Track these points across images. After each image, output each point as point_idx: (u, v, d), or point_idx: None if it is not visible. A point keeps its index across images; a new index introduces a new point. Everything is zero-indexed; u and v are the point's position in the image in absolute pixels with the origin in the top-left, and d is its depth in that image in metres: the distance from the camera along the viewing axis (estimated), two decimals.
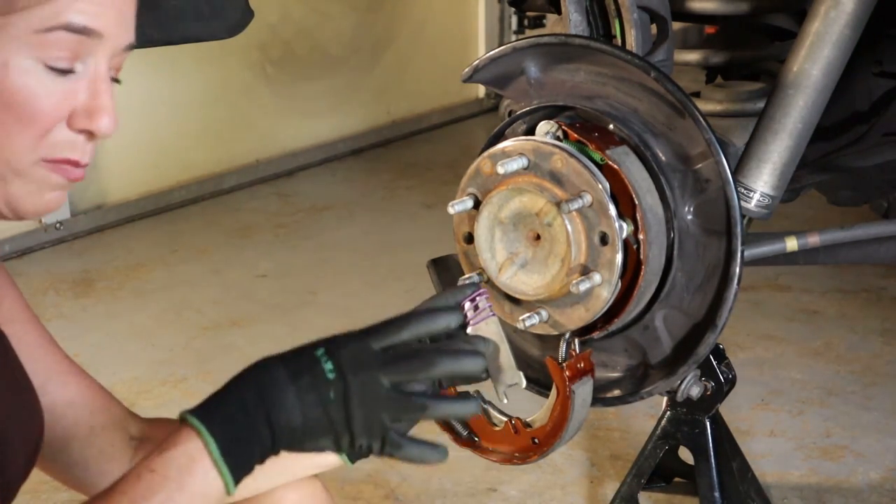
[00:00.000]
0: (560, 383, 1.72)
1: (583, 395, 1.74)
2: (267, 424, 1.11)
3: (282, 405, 1.11)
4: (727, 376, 2.16)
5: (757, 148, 1.92)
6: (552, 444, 1.74)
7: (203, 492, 1.10)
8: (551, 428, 1.74)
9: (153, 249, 4.33)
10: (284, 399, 1.11)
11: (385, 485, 2.72)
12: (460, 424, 1.75)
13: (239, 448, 1.11)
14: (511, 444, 1.76)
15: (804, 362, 3.31)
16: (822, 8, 1.88)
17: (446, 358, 1.16)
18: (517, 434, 1.75)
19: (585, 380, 1.74)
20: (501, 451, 1.77)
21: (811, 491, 2.68)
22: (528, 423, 1.75)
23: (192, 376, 3.29)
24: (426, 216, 4.67)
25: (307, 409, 1.11)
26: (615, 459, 2.82)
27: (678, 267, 1.81)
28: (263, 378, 1.13)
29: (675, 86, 1.73)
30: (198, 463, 1.10)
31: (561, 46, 1.82)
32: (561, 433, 1.73)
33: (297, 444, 1.12)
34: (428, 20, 5.89)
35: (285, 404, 1.11)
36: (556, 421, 1.73)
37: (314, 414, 1.11)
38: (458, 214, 1.83)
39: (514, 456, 1.77)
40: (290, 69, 5.20)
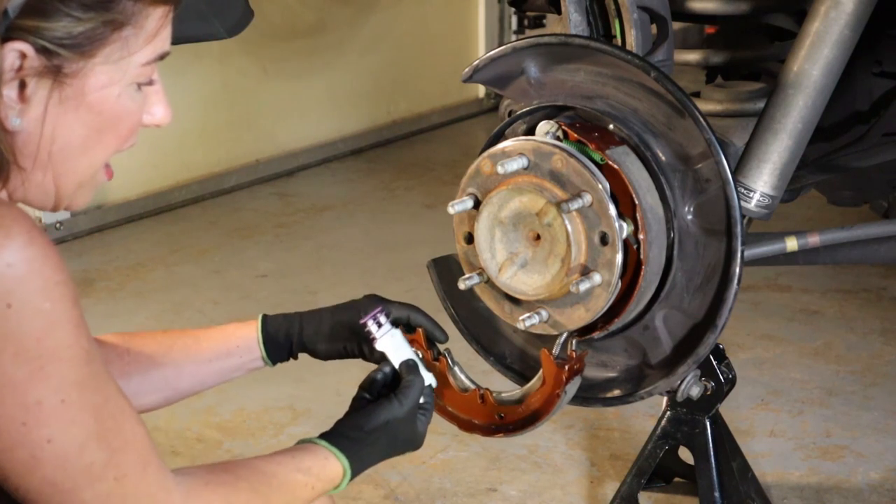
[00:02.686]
0: (551, 380, 1.72)
1: (570, 394, 1.75)
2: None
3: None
4: (727, 376, 2.16)
5: (757, 148, 1.92)
6: (525, 429, 1.75)
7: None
8: (526, 414, 1.74)
9: (153, 249, 4.33)
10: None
11: (385, 485, 2.72)
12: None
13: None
14: (473, 412, 1.76)
15: (804, 362, 3.31)
16: (822, 8, 1.88)
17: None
18: (483, 404, 1.74)
19: (576, 380, 1.75)
20: (461, 416, 1.76)
21: (811, 491, 2.68)
22: (500, 399, 1.75)
23: None
24: (426, 216, 4.67)
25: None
26: (615, 459, 2.82)
27: (678, 267, 1.81)
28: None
29: (675, 86, 1.73)
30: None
31: (561, 46, 1.82)
32: (537, 423, 1.74)
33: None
34: (428, 20, 5.89)
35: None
36: (533, 409, 1.73)
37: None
38: (458, 214, 1.83)
39: (474, 425, 1.77)
40: (290, 69, 5.20)
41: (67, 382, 1.22)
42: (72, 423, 1.22)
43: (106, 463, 1.24)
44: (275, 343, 1.73)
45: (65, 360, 1.21)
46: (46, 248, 1.20)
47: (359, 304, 1.73)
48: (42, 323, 1.19)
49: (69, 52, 1.24)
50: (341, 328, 1.72)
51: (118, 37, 1.27)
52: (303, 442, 1.54)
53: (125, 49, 1.28)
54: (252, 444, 2.91)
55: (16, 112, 1.24)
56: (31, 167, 1.28)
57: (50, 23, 1.23)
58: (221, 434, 2.99)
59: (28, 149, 1.27)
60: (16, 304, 1.18)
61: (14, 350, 1.18)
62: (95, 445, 1.24)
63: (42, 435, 1.21)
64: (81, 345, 1.23)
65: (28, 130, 1.26)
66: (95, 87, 1.27)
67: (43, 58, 1.24)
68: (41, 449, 1.21)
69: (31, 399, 1.20)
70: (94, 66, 1.27)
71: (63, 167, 1.30)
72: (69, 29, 1.23)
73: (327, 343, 1.72)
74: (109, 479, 1.25)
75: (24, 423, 1.20)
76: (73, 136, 1.29)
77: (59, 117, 1.27)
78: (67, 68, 1.25)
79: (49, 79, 1.25)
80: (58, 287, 1.20)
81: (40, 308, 1.19)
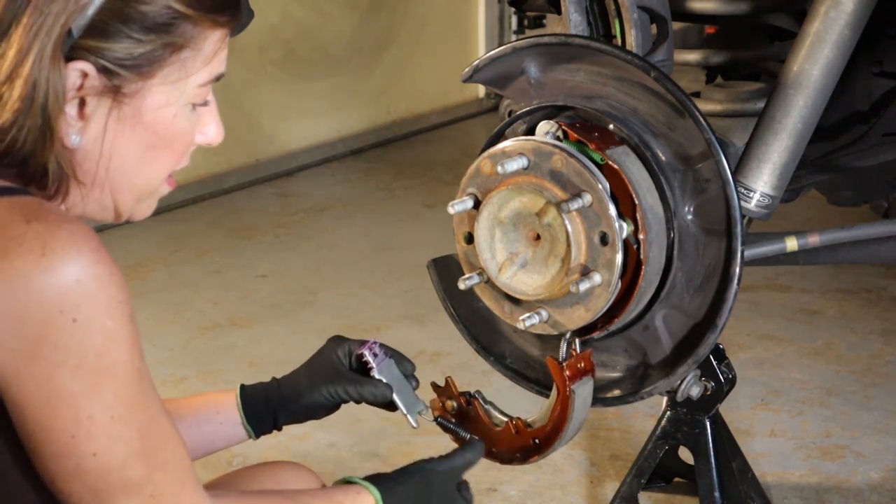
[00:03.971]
0: (560, 383, 1.72)
1: (583, 395, 1.74)
2: None
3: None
4: (727, 376, 2.16)
5: (757, 148, 1.92)
6: (552, 444, 1.75)
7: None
8: (551, 428, 1.74)
9: (153, 249, 4.33)
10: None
11: None
12: (462, 429, 1.76)
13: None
14: (512, 444, 1.76)
15: (804, 362, 3.31)
16: (822, 8, 1.88)
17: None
18: (518, 434, 1.75)
19: (586, 380, 1.74)
20: (502, 451, 1.77)
21: (811, 491, 2.68)
22: (529, 423, 1.76)
23: (192, 376, 3.29)
24: (426, 216, 4.67)
25: None
26: (615, 459, 2.82)
27: (678, 267, 1.81)
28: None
29: (675, 86, 1.73)
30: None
31: (561, 46, 1.82)
32: (561, 433, 1.73)
33: None
34: (428, 20, 5.89)
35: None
36: (556, 421, 1.73)
37: None
38: (458, 214, 1.83)
39: (514, 456, 1.77)
40: (290, 69, 5.20)
41: (119, 399, 1.24)
42: (118, 439, 1.25)
43: (145, 479, 1.27)
44: (254, 407, 1.70)
45: (119, 378, 1.24)
46: (112, 266, 1.24)
47: (327, 347, 1.73)
48: (103, 339, 1.22)
49: (129, 72, 1.27)
50: (318, 375, 1.70)
51: (177, 59, 1.30)
52: (339, 482, 1.56)
53: (183, 71, 1.31)
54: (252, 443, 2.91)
55: (76, 130, 1.28)
56: (90, 183, 1.32)
57: (112, 44, 1.26)
58: None
59: (87, 165, 1.31)
60: (81, 319, 1.20)
61: (75, 363, 1.21)
62: (137, 462, 1.26)
63: (89, 448, 1.24)
64: (135, 363, 1.25)
65: (87, 148, 1.30)
66: (153, 107, 1.31)
67: (104, 77, 1.27)
68: (86, 460, 1.24)
69: (83, 413, 1.22)
70: (152, 87, 1.30)
71: (120, 183, 1.34)
72: (130, 50, 1.27)
73: (308, 396, 1.69)
74: (146, 495, 1.28)
75: (74, 435, 1.23)
76: (129, 153, 1.32)
77: (117, 135, 1.30)
78: (126, 88, 1.28)
79: (108, 98, 1.28)
80: (120, 306, 1.23)
81: (103, 325, 1.22)
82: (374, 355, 1.69)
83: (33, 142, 1.25)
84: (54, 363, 1.20)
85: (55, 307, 1.19)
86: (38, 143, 1.26)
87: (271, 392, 1.71)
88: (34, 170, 1.27)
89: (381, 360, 1.69)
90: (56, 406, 1.22)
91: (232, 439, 1.72)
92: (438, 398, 1.78)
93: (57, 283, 1.19)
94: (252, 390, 1.72)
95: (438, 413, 1.77)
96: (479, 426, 1.77)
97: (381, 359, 1.69)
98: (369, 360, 1.69)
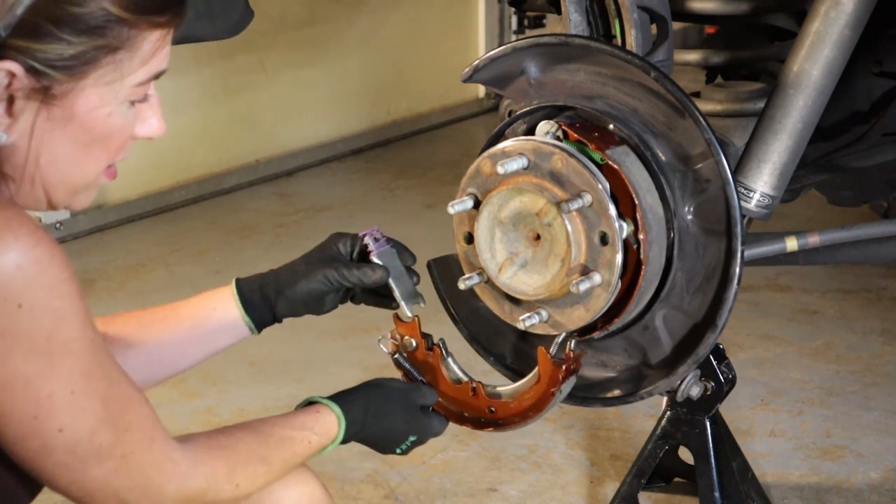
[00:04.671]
0: (547, 378, 1.72)
1: (564, 393, 1.75)
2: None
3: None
4: (727, 376, 2.16)
5: (757, 148, 1.92)
6: (516, 425, 1.75)
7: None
8: (518, 410, 1.74)
9: (153, 249, 4.33)
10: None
11: (385, 485, 2.72)
12: (415, 370, 1.75)
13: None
14: (465, 404, 1.76)
15: (804, 362, 3.31)
16: (822, 8, 1.88)
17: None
18: (475, 396, 1.75)
19: (571, 379, 1.75)
20: (452, 407, 1.77)
21: (811, 491, 2.68)
22: (493, 392, 1.76)
23: (192, 376, 3.28)
24: (426, 216, 4.67)
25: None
26: (615, 459, 2.82)
27: (678, 267, 1.81)
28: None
29: (675, 86, 1.73)
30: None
31: (561, 46, 1.82)
32: (529, 420, 1.74)
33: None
34: (428, 20, 5.89)
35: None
36: (526, 406, 1.74)
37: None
38: (458, 214, 1.83)
39: (464, 417, 1.77)
40: (289, 69, 5.20)
41: (76, 374, 1.25)
42: (81, 411, 1.26)
43: (113, 443, 1.28)
44: (251, 300, 1.70)
45: (73, 353, 1.24)
46: (52, 248, 1.23)
47: (328, 240, 1.73)
48: (52, 320, 1.22)
49: (59, 73, 1.24)
50: (315, 261, 1.70)
51: (111, 60, 1.26)
52: (299, 406, 1.59)
53: (118, 72, 1.27)
54: None
55: (2, 127, 1.25)
56: (19, 177, 1.29)
57: (41, 44, 1.22)
58: None
59: (15, 160, 1.28)
60: (26, 304, 1.20)
61: (26, 348, 1.21)
62: (103, 429, 1.27)
63: (54, 425, 1.24)
64: (88, 336, 1.26)
65: (15, 144, 1.27)
66: (85, 107, 1.27)
67: (32, 78, 1.23)
68: (53, 437, 1.25)
69: (42, 393, 1.23)
70: (84, 88, 1.26)
71: (52, 178, 1.31)
72: (60, 51, 1.23)
73: (305, 281, 1.69)
74: (117, 457, 1.29)
75: (36, 416, 1.23)
76: (61, 151, 1.29)
77: (46, 133, 1.27)
78: (56, 89, 1.25)
79: (38, 98, 1.25)
80: (65, 284, 1.23)
81: (50, 306, 1.22)
82: (375, 240, 1.68)
83: None
84: (5, 350, 1.20)
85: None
86: None
87: (267, 280, 1.71)
88: None
89: (381, 246, 1.68)
90: (13, 391, 1.22)
91: (233, 335, 1.71)
92: (397, 332, 1.76)
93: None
94: (247, 281, 1.72)
95: (395, 349, 1.76)
96: (434, 375, 1.76)
97: (381, 244, 1.68)
98: (369, 242, 1.68)
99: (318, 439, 1.55)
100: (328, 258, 1.70)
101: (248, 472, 1.45)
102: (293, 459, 1.53)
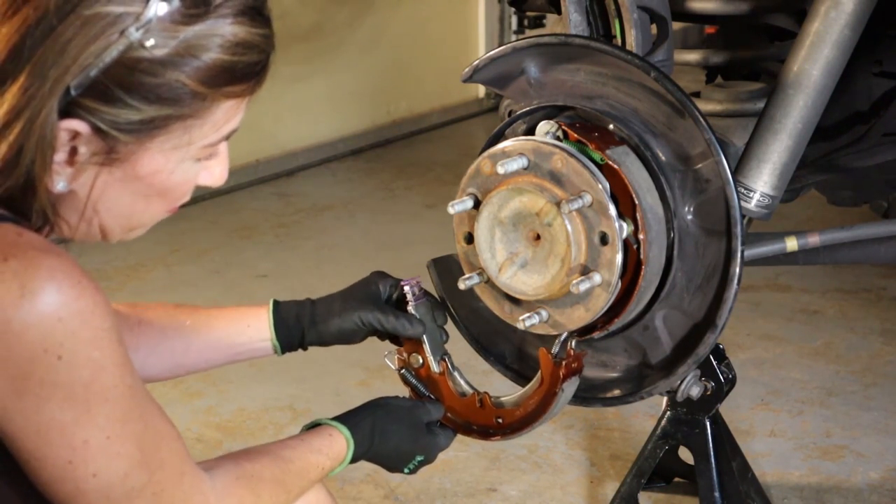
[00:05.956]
0: (550, 379, 1.73)
1: (567, 393, 1.75)
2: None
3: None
4: (727, 376, 2.16)
5: (757, 148, 1.92)
6: (522, 430, 1.76)
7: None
8: (524, 415, 1.75)
9: (153, 249, 4.33)
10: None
11: (385, 485, 2.72)
12: (422, 385, 1.77)
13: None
14: (472, 416, 1.77)
15: (804, 362, 3.31)
16: (822, 8, 1.88)
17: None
18: (482, 408, 1.76)
19: (574, 379, 1.75)
20: (460, 419, 1.78)
21: (811, 491, 2.68)
22: (498, 402, 1.76)
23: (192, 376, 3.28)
24: (426, 216, 4.67)
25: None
26: (615, 459, 2.82)
27: (678, 267, 1.81)
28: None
29: (675, 86, 1.73)
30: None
31: (561, 46, 1.82)
32: (535, 423, 1.75)
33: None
34: (428, 20, 5.89)
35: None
36: (532, 411, 1.74)
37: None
38: (458, 214, 1.83)
39: (472, 429, 1.78)
40: (290, 69, 5.20)
41: (112, 419, 1.24)
42: (116, 456, 1.25)
43: (146, 484, 1.28)
44: (285, 325, 1.74)
45: (110, 401, 1.23)
46: (95, 296, 1.22)
47: (369, 278, 1.77)
48: (91, 371, 1.21)
49: (124, 135, 1.22)
50: (353, 300, 1.73)
51: (181, 126, 1.24)
52: (306, 428, 1.61)
53: (186, 136, 1.26)
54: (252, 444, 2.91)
55: (63, 177, 1.23)
56: (76, 221, 1.28)
57: (110, 108, 1.20)
58: (221, 434, 2.99)
59: (74, 206, 1.27)
60: (66, 355, 1.19)
61: (62, 397, 1.20)
62: (137, 471, 1.26)
63: (88, 471, 1.24)
64: (126, 382, 1.25)
65: (75, 192, 1.25)
66: (149, 168, 1.26)
67: (97, 138, 1.22)
68: (86, 482, 1.24)
69: (77, 440, 1.22)
70: (149, 149, 1.24)
71: (110, 223, 1.31)
72: (128, 116, 1.21)
73: (339, 318, 1.72)
74: (148, 495, 1.28)
75: (71, 461, 1.23)
76: (120, 201, 1.28)
77: (107, 186, 1.26)
78: (121, 150, 1.23)
79: (101, 155, 1.23)
80: (106, 334, 1.22)
81: (90, 357, 1.21)
82: (414, 293, 1.73)
83: (16, 192, 1.22)
84: (42, 398, 1.19)
85: (38, 346, 1.17)
86: (20, 194, 1.22)
87: (304, 310, 1.75)
88: (17, 209, 1.23)
89: (419, 298, 1.73)
90: (48, 437, 1.21)
91: (257, 352, 1.75)
92: (404, 350, 1.79)
93: (38, 322, 1.17)
94: (285, 306, 1.75)
95: (402, 365, 1.78)
96: (441, 389, 1.78)
97: (419, 297, 1.73)
98: (408, 293, 1.73)
99: (331, 463, 1.58)
100: (367, 297, 1.74)
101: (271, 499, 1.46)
102: (308, 485, 1.55)
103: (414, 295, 1.73)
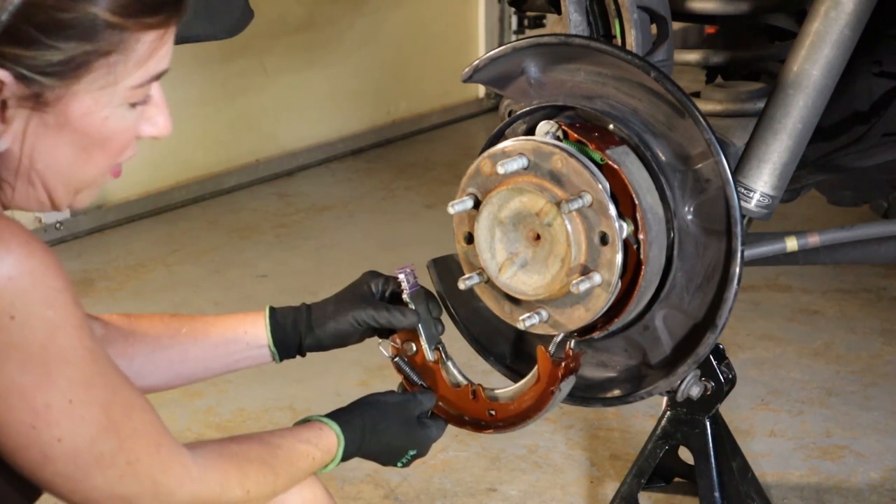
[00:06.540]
0: (546, 377, 1.73)
1: (563, 392, 1.75)
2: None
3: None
4: (727, 376, 2.16)
5: (757, 148, 1.92)
6: (516, 426, 1.76)
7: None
8: (518, 411, 1.75)
9: (153, 249, 4.33)
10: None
11: (385, 485, 2.72)
12: (415, 373, 1.77)
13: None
14: (464, 407, 1.77)
15: (804, 362, 3.31)
16: (822, 8, 1.88)
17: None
18: (475, 400, 1.76)
19: (571, 378, 1.76)
20: (452, 410, 1.77)
21: (811, 491, 2.68)
22: (492, 395, 1.76)
23: None
24: (426, 216, 4.67)
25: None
26: (615, 459, 2.82)
27: (678, 267, 1.81)
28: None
29: (675, 86, 1.73)
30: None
31: (561, 46, 1.82)
32: (529, 420, 1.74)
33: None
34: (428, 20, 5.89)
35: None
36: (527, 407, 1.74)
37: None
38: (458, 214, 1.83)
39: (464, 420, 1.78)
40: (290, 69, 5.20)
41: (74, 383, 1.23)
42: (81, 420, 1.25)
43: (117, 451, 1.27)
44: (282, 331, 1.73)
45: (70, 363, 1.23)
46: (45, 257, 1.21)
47: (360, 278, 1.77)
48: (46, 330, 1.21)
49: (49, 79, 1.22)
50: (346, 301, 1.74)
51: (104, 63, 1.24)
52: (299, 422, 1.60)
53: (112, 75, 1.25)
54: None
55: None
56: (14, 180, 1.27)
57: (28, 51, 1.20)
58: (221, 434, 2.99)
59: (10, 164, 1.26)
60: (19, 315, 1.19)
61: (20, 359, 1.20)
62: (105, 437, 1.26)
63: (53, 435, 1.23)
64: (85, 345, 1.24)
65: (11, 149, 1.25)
66: (79, 112, 1.25)
67: (22, 85, 1.21)
68: (52, 447, 1.24)
69: (39, 403, 1.22)
70: (77, 93, 1.24)
71: (52, 180, 1.29)
72: (49, 57, 1.21)
73: (334, 321, 1.72)
74: (121, 464, 1.28)
75: (34, 426, 1.22)
76: (58, 154, 1.27)
77: (39, 138, 1.25)
78: (48, 95, 1.23)
79: (29, 104, 1.23)
80: (59, 294, 1.21)
81: (43, 316, 1.20)
82: (409, 280, 1.73)
83: None
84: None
85: None
86: None
87: (300, 315, 1.74)
88: None
89: (413, 286, 1.73)
90: (8, 401, 1.21)
91: (255, 359, 1.74)
92: (398, 338, 1.78)
93: None
94: (281, 312, 1.74)
95: (396, 352, 1.78)
96: (435, 378, 1.77)
97: (413, 285, 1.73)
98: (403, 280, 1.73)
99: (321, 455, 1.57)
100: (359, 297, 1.74)
101: (258, 479, 1.45)
102: (298, 473, 1.54)
103: (409, 282, 1.73)
